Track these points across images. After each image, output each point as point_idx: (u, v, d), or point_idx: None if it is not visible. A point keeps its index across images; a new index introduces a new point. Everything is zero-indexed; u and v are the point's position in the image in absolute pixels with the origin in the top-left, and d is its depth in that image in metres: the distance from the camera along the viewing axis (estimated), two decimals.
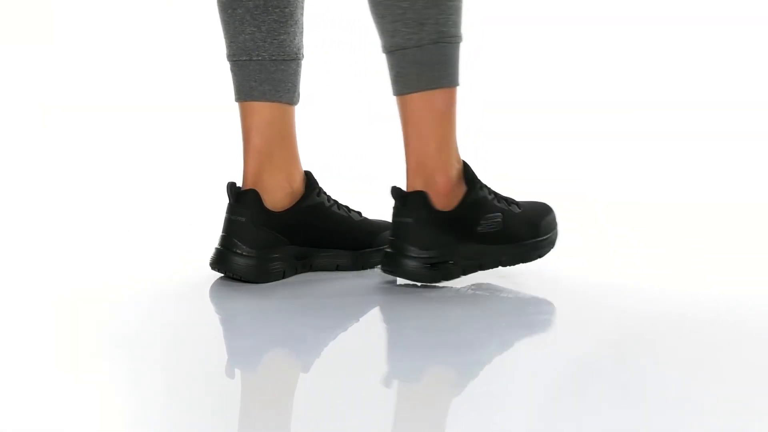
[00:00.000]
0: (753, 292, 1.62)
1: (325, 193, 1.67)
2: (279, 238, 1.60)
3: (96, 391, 1.17)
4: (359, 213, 1.69)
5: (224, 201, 1.62)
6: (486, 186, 1.59)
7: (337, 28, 2.44)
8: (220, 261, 1.59)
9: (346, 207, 1.68)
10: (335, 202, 1.69)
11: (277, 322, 1.44)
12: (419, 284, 1.57)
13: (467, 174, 1.57)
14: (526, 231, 1.60)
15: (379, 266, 1.60)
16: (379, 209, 1.70)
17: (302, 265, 1.63)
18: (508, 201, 1.62)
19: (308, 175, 1.66)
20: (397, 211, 1.56)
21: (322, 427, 1.07)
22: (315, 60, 1.87)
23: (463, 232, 1.56)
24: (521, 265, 1.62)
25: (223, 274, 1.61)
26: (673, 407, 1.12)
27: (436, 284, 1.56)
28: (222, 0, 1.61)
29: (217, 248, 1.60)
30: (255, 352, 1.32)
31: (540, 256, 1.63)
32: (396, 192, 1.56)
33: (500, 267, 1.60)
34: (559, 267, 1.61)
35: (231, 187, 1.60)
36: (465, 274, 1.58)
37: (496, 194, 1.61)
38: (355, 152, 1.74)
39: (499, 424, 1.08)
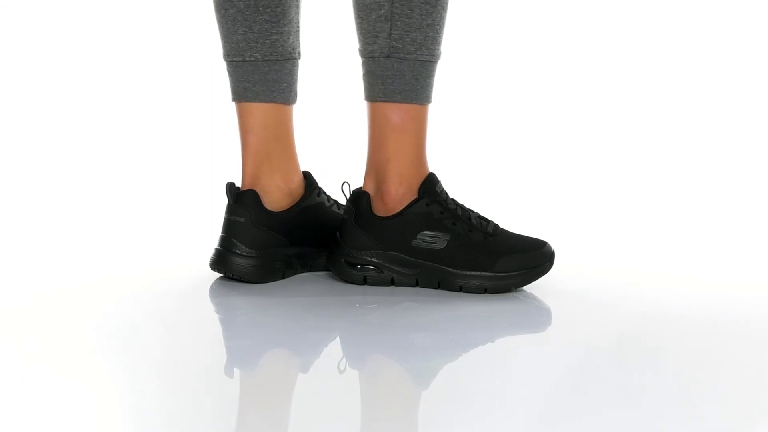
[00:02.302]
0: (752, 293, 1.62)
1: (324, 193, 1.67)
2: (278, 238, 1.60)
3: (94, 389, 1.17)
4: None
5: (224, 201, 1.62)
6: (450, 205, 1.57)
7: (336, 27, 2.43)
8: (219, 261, 1.59)
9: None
10: (335, 202, 1.69)
11: (276, 322, 1.44)
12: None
13: (425, 187, 1.57)
14: (473, 260, 1.55)
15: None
16: None
17: (302, 265, 1.63)
18: (480, 226, 1.57)
19: (308, 176, 1.66)
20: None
21: (321, 427, 1.07)
22: (314, 59, 1.87)
23: (395, 241, 1.56)
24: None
25: (222, 275, 1.61)
26: (673, 407, 1.12)
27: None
28: (216, 0, 1.61)
29: (216, 249, 1.60)
30: (254, 352, 1.32)
31: (478, 290, 1.55)
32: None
33: (440, 289, 1.56)
34: (559, 269, 1.61)
35: (230, 187, 1.60)
36: (395, 284, 1.57)
37: (461, 215, 1.57)
38: (353, 152, 1.73)
39: (498, 423, 1.08)
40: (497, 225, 1.59)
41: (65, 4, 3.02)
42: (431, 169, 1.60)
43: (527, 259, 1.56)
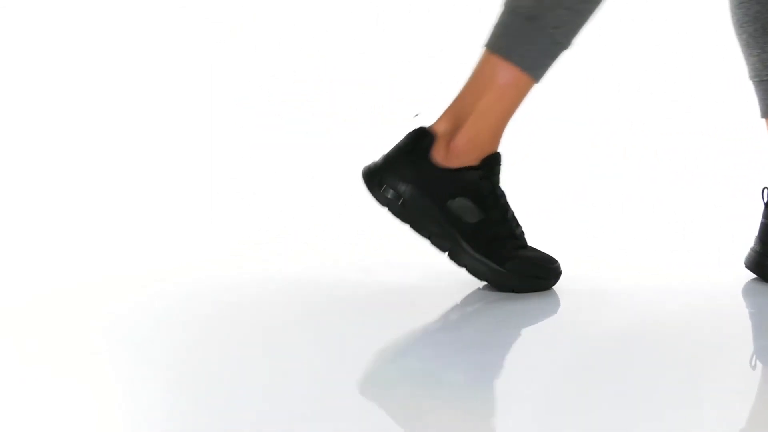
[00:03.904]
0: (755, 292, 1.62)
1: None
2: None
3: (94, 390, 1.17)
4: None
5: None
6: (498, 191, 1.55)
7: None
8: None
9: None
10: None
11: (277, 322, 1.44)
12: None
13: (487, 161, 1.54)
14: (487, 249, 1.53)
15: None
16: None
17: None
18: (511, 224, 1.56)
19: None
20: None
21: (321, 427, 1.07)
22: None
23: (433, 190, 1.53)
24: None
25: None
26: (675, 407, 1.12)
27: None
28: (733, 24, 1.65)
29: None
30: (253, 352, 1.32)
31: (481, 277, 1.54)
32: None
33: (447, 257, 1.53)
34: (562, 268, 1.61)
35: None
36: (408, 225, 1.54)
37: (501, 205, 1.55)
38: None
39: (499, 423, 1.08)
40: (524, 232, 1.58)
41: (65, 4, 3.02)
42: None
43: (535, 268, 1.56)
